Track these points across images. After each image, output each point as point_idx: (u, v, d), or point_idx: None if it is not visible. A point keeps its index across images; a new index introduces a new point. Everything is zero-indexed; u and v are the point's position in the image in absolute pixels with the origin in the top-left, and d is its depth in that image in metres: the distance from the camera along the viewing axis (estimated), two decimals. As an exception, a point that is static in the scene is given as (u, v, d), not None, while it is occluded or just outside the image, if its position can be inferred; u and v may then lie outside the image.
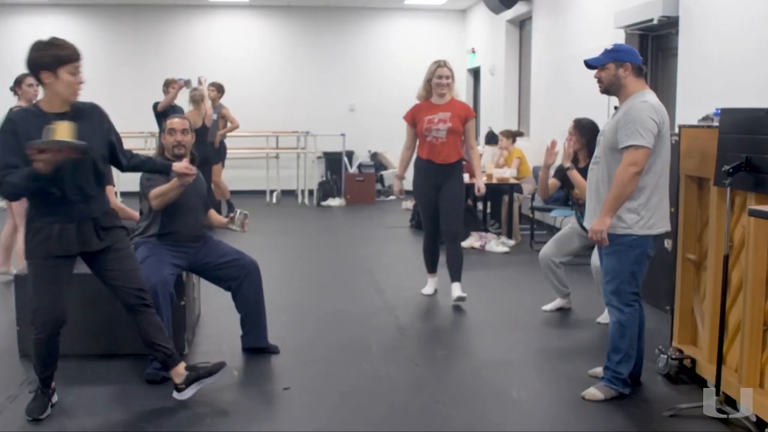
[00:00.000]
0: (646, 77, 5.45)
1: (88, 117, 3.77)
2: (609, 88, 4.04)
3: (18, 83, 6.52)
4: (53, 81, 3.59)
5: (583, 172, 5.42)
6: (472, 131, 6.12)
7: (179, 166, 4.33)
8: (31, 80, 6.43)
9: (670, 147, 4.03)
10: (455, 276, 6.06)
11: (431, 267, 6.29)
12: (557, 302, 5.86)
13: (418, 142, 6.07)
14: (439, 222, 6.06)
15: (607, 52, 4.03)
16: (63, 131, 3.40)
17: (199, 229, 4.76)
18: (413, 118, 6.02)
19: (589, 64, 4.08)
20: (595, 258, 5.14)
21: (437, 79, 5.94)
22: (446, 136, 5.88)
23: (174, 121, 4.77)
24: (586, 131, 5.35)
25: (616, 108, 4.13)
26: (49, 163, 3.39)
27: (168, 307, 4.38)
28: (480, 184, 6.16)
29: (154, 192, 4.51)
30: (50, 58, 3.56)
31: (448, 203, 5.95)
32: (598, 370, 4.34)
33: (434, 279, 6.29)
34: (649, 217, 3.94)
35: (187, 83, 9.56)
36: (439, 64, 5.99)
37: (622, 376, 4.07)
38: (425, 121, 5.92)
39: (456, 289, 6.00)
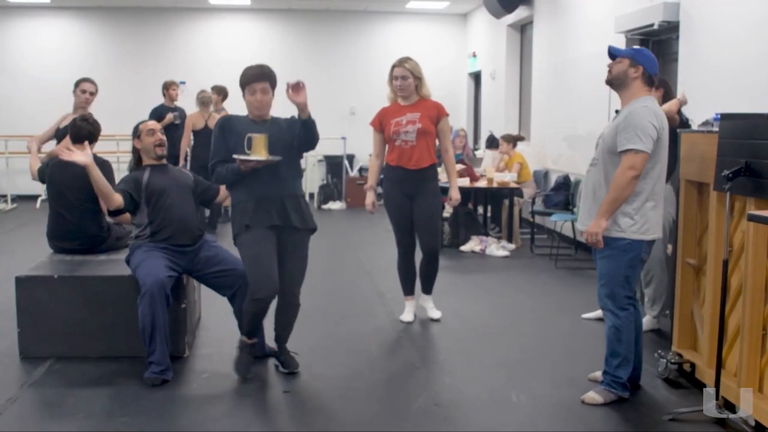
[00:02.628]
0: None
1: (278, 126, 4.45)
2: (614, 80, 4.04)
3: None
4: (245, 97, 4.41)
5: None
6: (446, 132, 5.56)
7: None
8: (84, 86, 6.49)
9: (668, 153, 4.04)
10: (427, 287, 5.74)
11: (408, 288, 5.72)
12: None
13: (387, 148, 5.60)
14: (412, 236, 5.60)
15: (631, 48, 4.10)
16: (259, 143, 4.19)
17: (192, 230, 4.69)
18: (380, 123, 5.54)
19: (610, 51, 4.08)
20: None
21: (394, 80, 5.44)
22: (416, 138, 5.37)
23: (148, 123, 4.81)
24: (663, 83, 5.22)
25: (617, 111, 4.14)
26: (250, 169, 4.21)
27: (164, 309, 4.38)
28: (455, 194, 5.60)
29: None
30: (240, 79, 4.44)
31: (425, 218, 5.49)
32: (597, 374, 4.34)
33: (412, 302, 5.73)
34: (644, 222, 3.95)
35: (175, 116, 9.67)
36: (395, 64, 5.46)
37: (621, 380, 4.07)
38: (392, 124, 5.43)
39: (430, 308, 5.74)
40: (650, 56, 4.07)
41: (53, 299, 4.70)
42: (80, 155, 4.50)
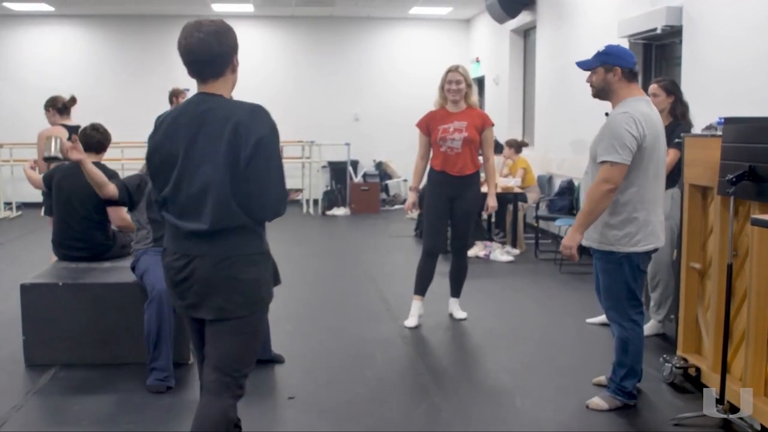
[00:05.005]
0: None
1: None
2: (599, 93, 3.94)
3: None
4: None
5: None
6: (489, 141, 5.76)
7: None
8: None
9: (662, 158, 3.91)
10: (456, 291, 5.94)
11: (420, 288, 5.78)
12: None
13: (432, 152, 5.75)
14: (441, 239, 5.92)
15: (598, 54, 3.91)
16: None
17: None
18: (427, 126, 5.70)
19: (580, 67, 3.99)
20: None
21: (448, 84, 5.59)
22: (462, 146, 5.57)
23: None
24: (675, 88, 5.19)
25: (606, 114, 3.99)
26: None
27: (171, 316, 4.40)
28: (492, 202, 5.78)
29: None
30: None
31: (461, 215, 5.71)
32: (602, 379, 4.34)
33: (419, 303, 5.76)
34: (634, 233, 3.83)
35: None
36: (451, 69, 5.64)
37: (627, 389, 4.05)
38: (440, 131, 5.60)
39: (456, 309, 5.91)
40: (619, 51, 3.90)
41: (58, 307, 4.71)
42: (77, 154, 4.60)
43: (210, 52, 2.77)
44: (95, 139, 5.33)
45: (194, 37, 2.78)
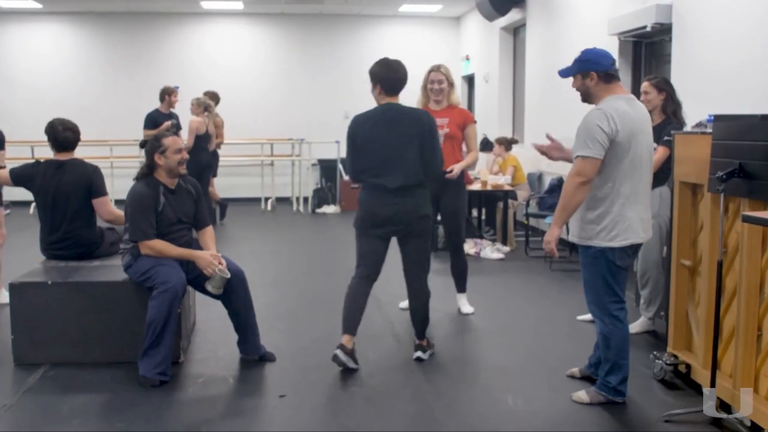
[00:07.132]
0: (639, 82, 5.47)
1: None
2: (585, 98, 4.03)
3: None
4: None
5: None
6: (471, 137, 5.88)
7: (206, 262, 4.58)
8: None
9: (643, 153, 3.92)
10: (460, 287, 6.08)
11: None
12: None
13: None
14: (434, 231, 6.02)
15: (575, 61, 3.99)
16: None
17: (184, 243, 4.71)
18: None
19: (561, 75, 4.08)
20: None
21: (431, 84, 5.80)
22: (443, 143, 5.62)
23: (176, 140, 4.71)
24: (667, 85, 5.20)
25: None
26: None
27: (177, 311, 4.44)
28: (456, 169, 5.59)
29: (160, 247, 4.54)
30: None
31: (448, 214, 5.81)
32: (575, 371, 4.46)
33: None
34: (611, 228, 3.89)
35: (173, 123, 9.80)
36: (433, 69, 5.84)
37: (611, 384, 4.06)
38: None
39: (464, 305, 6.05)
40: (594, 55, 3.95)
41: (47, 305, 4.68)
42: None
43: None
44: (72, 140, 5.31)
45: None
